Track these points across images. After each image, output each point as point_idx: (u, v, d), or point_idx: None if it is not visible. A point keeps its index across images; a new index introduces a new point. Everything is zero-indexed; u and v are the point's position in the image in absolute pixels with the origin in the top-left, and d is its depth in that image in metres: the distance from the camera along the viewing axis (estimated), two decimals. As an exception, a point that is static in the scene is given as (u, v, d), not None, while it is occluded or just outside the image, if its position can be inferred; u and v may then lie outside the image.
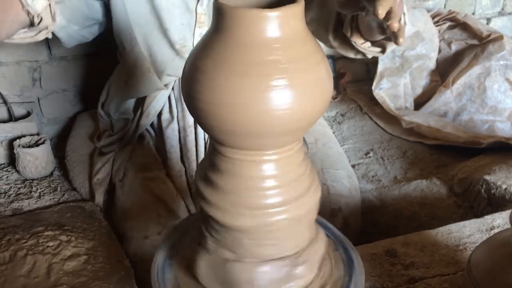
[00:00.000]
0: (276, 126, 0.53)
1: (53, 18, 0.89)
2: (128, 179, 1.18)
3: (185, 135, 1.18)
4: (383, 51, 0.96)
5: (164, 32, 1.10)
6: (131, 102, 1.26)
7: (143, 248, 1.01)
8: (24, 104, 1.50)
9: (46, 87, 1.55)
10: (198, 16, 1.10)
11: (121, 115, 1.27)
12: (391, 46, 0.94)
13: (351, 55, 1.02)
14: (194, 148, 1.17)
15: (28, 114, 1.44)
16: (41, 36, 0.89)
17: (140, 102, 1.23)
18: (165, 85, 1.18)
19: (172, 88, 1.20)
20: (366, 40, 0.95)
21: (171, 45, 1.12)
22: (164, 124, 1.21)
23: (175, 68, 1.15)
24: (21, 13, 0.82)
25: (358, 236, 1.14)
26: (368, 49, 0.96)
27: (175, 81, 1.20)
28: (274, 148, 0.57)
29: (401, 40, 0.73)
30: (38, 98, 1.56)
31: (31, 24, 0.85)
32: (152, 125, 1.26)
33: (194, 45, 1.07)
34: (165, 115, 1.22)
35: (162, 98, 1.20)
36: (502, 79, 1.64)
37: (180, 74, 1.14)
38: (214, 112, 0.54)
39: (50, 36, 0.93)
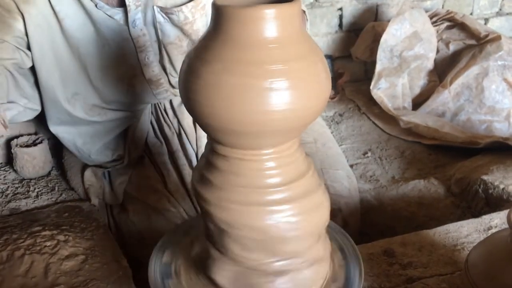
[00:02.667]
0: (274, 125, 0.53)
1: None
2: (134, 204, 1.16)
3: (175, 159, 1.15)
4: None
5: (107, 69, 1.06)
6: (117, 139, 1.21)
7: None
8: (22, 103, 1.49)
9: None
10: (135, 41, 1.04)
11: (115, 153, 1.22)
12: None
13: None
14: (187, 171, 1.13)
15: (25, 114, 1.43)
16: None
17: (124, 136, 1.20)
18: (132, 111, 1.14)
19: (152, 113, 1.18)
20: None
21: (119, 77, 1.07)
22: (153, 150, 1.19)
23: (135, 98, 1.12)
24: None
25: (357, 237, 1.14)
26: None
27: (152, 105, 1.17)
28: (272, 146, 0.57)
29: None
30: (36, 98, 1.55)
31: None
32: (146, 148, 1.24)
33: (144, 72, 1.07)
34: (152, 141, 1.19)
35: (144, 125, 1.17)
36: (500, 79, 1.64)
37: (148, 101, 1.13)
38: (212, 111, 0.54)
39: None
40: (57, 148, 1.46)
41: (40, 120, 1.56)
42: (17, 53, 0.98)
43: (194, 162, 1.13)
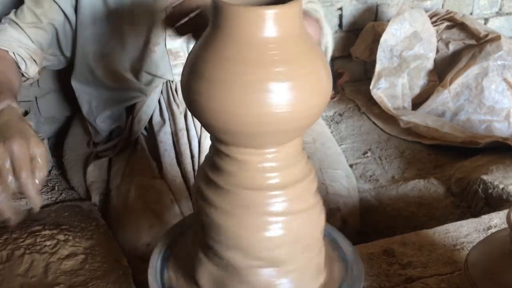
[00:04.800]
0: (275, 124, 0.53)
1: (39, 73, 1.16)
2: (124, 187, 1.17)
3: (177, 138, 1.18)
4: None
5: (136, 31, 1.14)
6: (122, 110, 1.26)
7: (134, 256, 1.01)
8: (22, 103, 1.49)
9: (44, 86, 1.55)
10: (167, 11, 1.10)
11: (114, 124, 1.27)
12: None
13: None
14: (187, 151, 1.16)
15: (25, 113, 1.43)
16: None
17: (131, 109, 1.23)
18: (146, 85, 1.18)
19: (161, 92, 1.20)
20: None
21: (145, 43, 1.14)
22: (156, 128, 1.21)
23: (153, 66, 1.16)
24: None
25: (356, 236, 1.15)
26: None
27: (163, 84, 1.20)
28: (273, 146, 0.57)
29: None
30: (36, 97, 1.55)
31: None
32: (145, 128, 1.26)
33: (166, 42, 1.14)
34: (157, 119, 1.22)
35: (152, 102, 1.20)
36: (500, 79, 1.64)
37: (163, 74, 1.15)
38: (212, 111, 0.54)
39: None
40: (57, 147, 1.46)
41: (39, 120, 1.56)
42: (62, 14, 1.14)
43: (195, 145, 1.15)
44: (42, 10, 1.12)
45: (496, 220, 0.95)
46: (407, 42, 1.72)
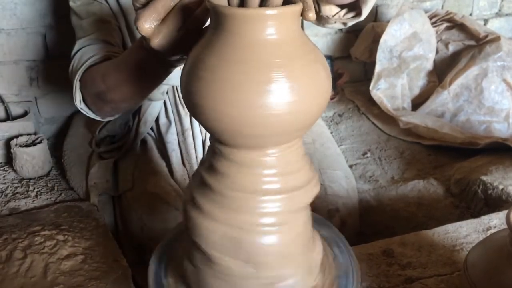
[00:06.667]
0: (275, 125, 0.53)
1: None
2: (139, 189, 1.16)
3: (183, 139, 1.18)
4: (359, 14, 0.92)
5: None
6: (128, 114, 1.26)
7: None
8: (22, 103, 1.50)
9: (44, 87, 1.55)
10: None
11: (119, 128, 1.28)
12: (366, 6, 0.90)
13: (330, 27, 1.01)
14: (193, 151, 1.17)
15: (25, 114, 1.44)
16: None
17: (136, 110, 1.23)
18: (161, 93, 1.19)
19: (167, 93, 1.21)
20: (338, 6, 0.93)
21: None
22: (163, 129, 1.22)
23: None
24: None
25: (355, 237, 1.15)
26: (344, 18, 0.95)
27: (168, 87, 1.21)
28: (272, 147, 0.57)
29: (310, 14, 0.55)
30: (36, 98, 1.55)
31: None
32: (152, 129, 1.27)
33: None
34: (163, 120, 1.22)
35: (158, 104, 1.21)
36: (499, 80, 1.64)
37: (174, 83, 1.16)
38: (212, 111, 0.54)
39: None
40: (57, 148, 1.46)
41: (39, 120, 1.56)
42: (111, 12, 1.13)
43: (199, 145, 1.16)
44: (94, 17, 1.07)
45: (495, 220, 0.95)
46: (407, 42, 1.73)
